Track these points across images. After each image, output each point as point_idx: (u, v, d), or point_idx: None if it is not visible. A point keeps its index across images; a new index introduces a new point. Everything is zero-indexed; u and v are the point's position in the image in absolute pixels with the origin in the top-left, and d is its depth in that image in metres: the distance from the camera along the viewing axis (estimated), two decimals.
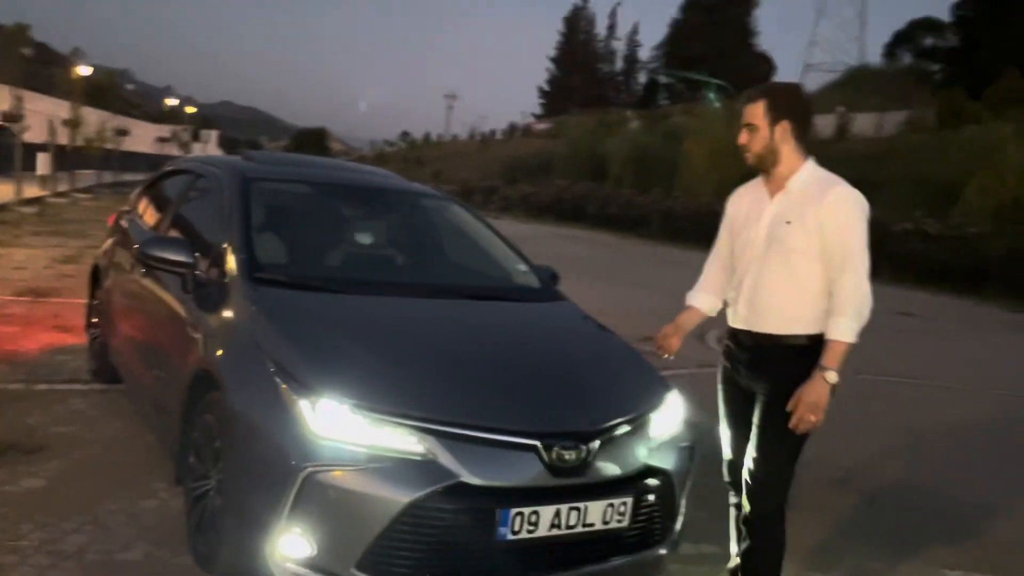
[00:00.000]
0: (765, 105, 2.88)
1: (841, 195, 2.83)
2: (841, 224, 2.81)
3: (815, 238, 2.82)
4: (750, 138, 2.91)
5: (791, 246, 2.86)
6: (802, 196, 2.87)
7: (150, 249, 3.58)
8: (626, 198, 34.13)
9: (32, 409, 4.66)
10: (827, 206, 2.81)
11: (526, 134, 55.67)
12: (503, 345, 3.42)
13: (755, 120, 2.89)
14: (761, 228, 2.95)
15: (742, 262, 3.03)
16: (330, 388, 2.72)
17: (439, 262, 4.34)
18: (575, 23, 70.29)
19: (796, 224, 2.84)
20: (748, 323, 2.97)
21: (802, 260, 2.85)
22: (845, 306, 2.78)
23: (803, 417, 2.76)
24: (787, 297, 2.88)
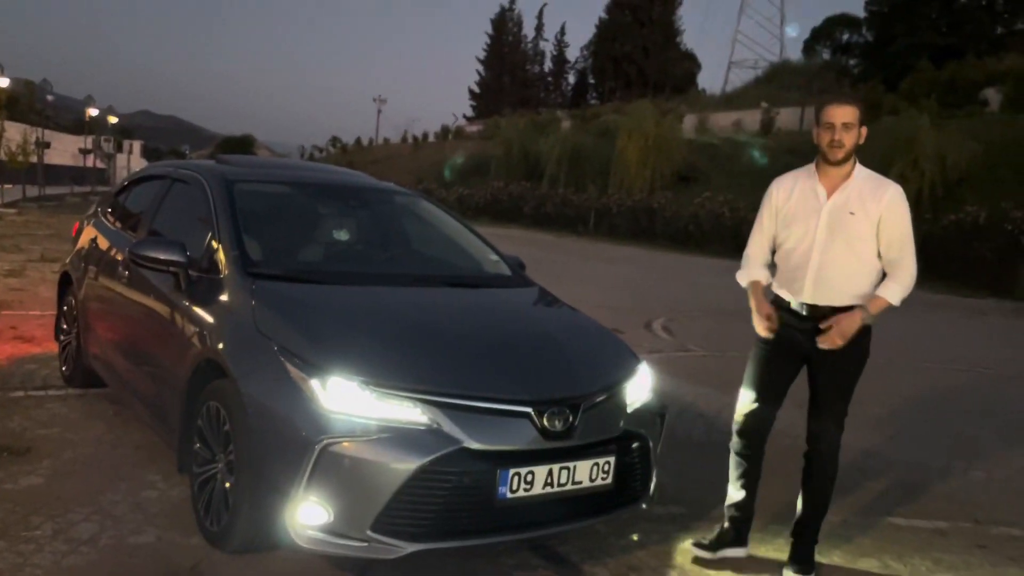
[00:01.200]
0: (858, 111, 3.39)
1: (898, 193, 3.40)
2: (899, 218, 3.36)
3: (874, 228, 3.34)
4: (845, 135, 3.36)
5: (855, 234, 3.36)
6: (861, 191, 3.38)
7: (142, 250, 3.73)
8: (562, 197, 34.66)
9: (12, 414, 4.73)
10: (887, 202, 3.35)
11: (458, 136, 55.82)
12: (488, 325, 3.69)
13: (852, 119, 3.36)
14: (821, 218, 3.40)
15: (797, 246, 3.46)
16: (339, 366, 2.95)
17: (416, 253, 4.58)
18: (502, 24, 70.73)
19: (859, 215, 3.34)
20: (815, 298, 3.41)
21: (864, 245, 3.36)
22: (900, 278, 3.34)
23: (831, 338, 3.32)
24: (850, 276, 3.38)
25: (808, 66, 50.15)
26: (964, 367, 9.17)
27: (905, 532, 4.15)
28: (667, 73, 59.10)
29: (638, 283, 15.92)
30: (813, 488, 3.63)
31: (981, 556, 3.93)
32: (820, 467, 3.60)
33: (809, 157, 3.70)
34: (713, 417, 6.00)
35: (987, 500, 4.75)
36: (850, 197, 3.40)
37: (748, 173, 31.92)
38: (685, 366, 7.96)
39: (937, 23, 42.42)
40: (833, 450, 3.60)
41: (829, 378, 3.47)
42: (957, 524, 4.31)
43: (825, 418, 3.54)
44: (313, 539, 2.88)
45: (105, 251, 4.86)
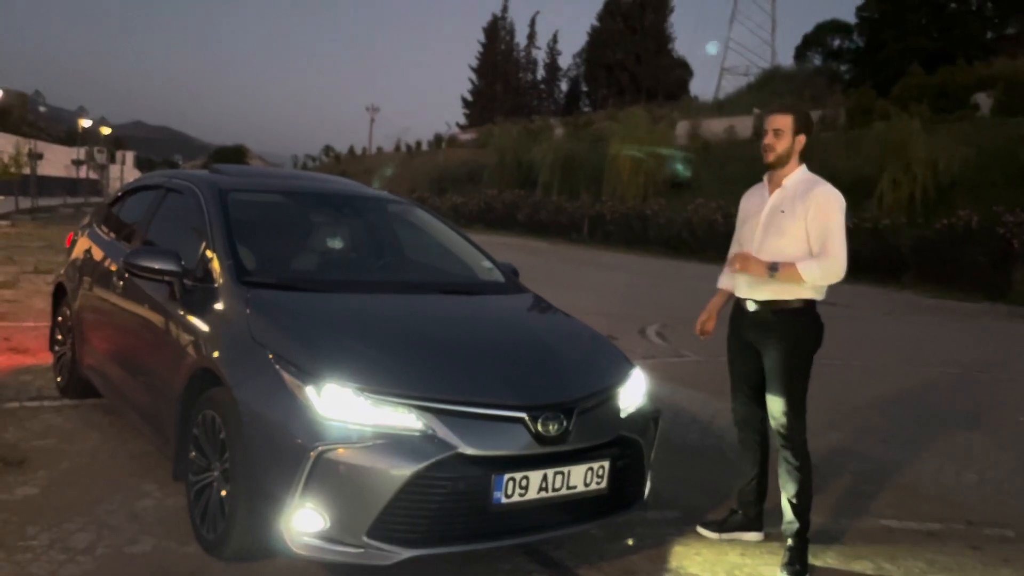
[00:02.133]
0: (793, 120, 3.64)
1: (825, 191, 3.58)
2: (824, 214, 3.53)
3: (802, 224, 3.54)
4: (776, 141, 3.64)
5: (783, 231, 3.59)
6: (793, 192, 3.62)
7: (137, 259, 3.75)
8: (555, 205, 34.73)
9: (7, 425, 4.73)
10: (813, 199, 3.54)
11: (452, 144, 55.90)
12: (482, 331, 3.71)
13: (784, 127, 3.63)
14: (762, 218, 3.68)
15: (744, 242, 3.78)
16: (334, 373, 2.97)
17: (410, 261, 4.61)
18: (494, 32, 70.91)
19: (788, 213, 3.58)
20: (751, 294, 3.68)
21: (791, 242, 3.57)
22: (821, 261, 3.50)
23: (735, 262, 3.65)
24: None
25: (800, 72, 50.42)
26: (957, 370, 9.21)
27: (898, 534, 4.18)
28: (659, 80, 59.31)
29: (632, 289, 15.96)
30: (783, 479, 3.71)
31: (974, 558, 3.95)
32: (783, 457, 3.69)
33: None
34: (707, 422, 6.03)
35: (980, 502, 4.77)
36: (784, 197, 3.64)
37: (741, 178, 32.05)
38: (679, 371, 7.98)
39: (928, 28, 42.67)
40: (792, 439, 3.65)
41: (771, 364, 3.64)
42: (950, 526, 4.34)
43: (773, 404, 3.66)
44: (309, 546, 2.89)
45: (99, 262, 4.88)
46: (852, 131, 30.27)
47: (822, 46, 51.86)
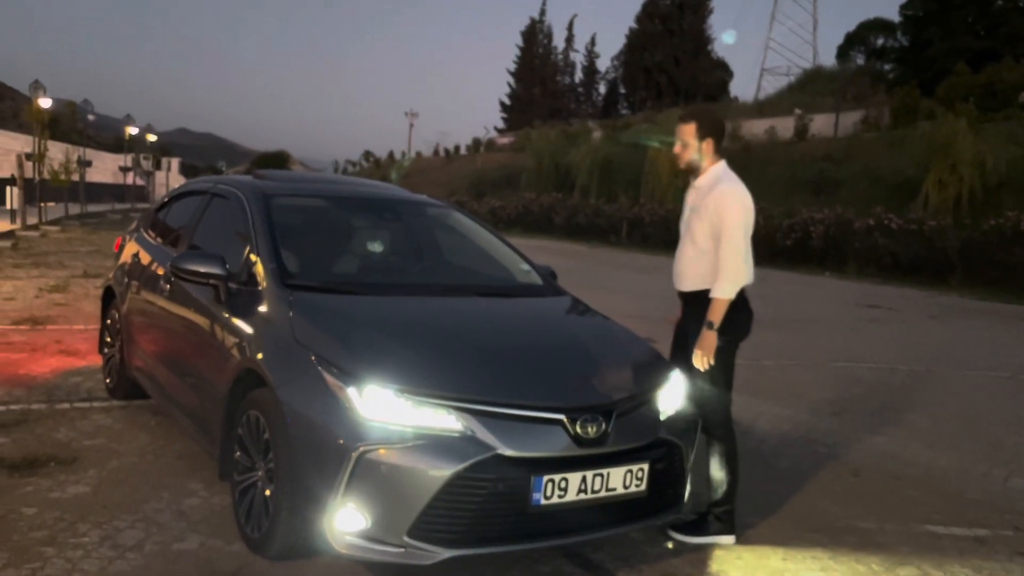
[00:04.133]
0: (696, 126, 3.77)
1: (723, 190, 3.71)
2: (720, 213, 3.67)
3: (706, 223, 3.72)
4: (683, 150, 3.83)
5: (693, 229, 3.81)
6: (702, 192, 3.80)
7: (184, 263, 3.83)
8: (594, 208, 34.66)
9: (58, 426, 4.86)
10: (713, 198, 3.71)
11: (490, 148, 56.06)
12: (521, 333, 3.73)
13: (687, 137, 3.80)
14: (684, 217, 3.92)
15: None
16: (375, 375, 3.01)
17: (449, 264, 4.65)
18: (532, 36, 70.93)
19: (695, 213, 3.79)
20: (676, 284, 3.98)
21: (700, 238, 3.77)
22: (722, 271, 3.66)
23: (701, 362, 3.70)
24: (691, 267, 3.83)
25: (842, 71, 49.70)
26: (1006, 374, 9.02)
27: (944, 540, 4.11)
28: (698, 82, 58.87)
29: (671, 292, 15.81)
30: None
31: (1022, 564, 3.87)
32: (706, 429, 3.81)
33: (843, 161, 3.82)
34: (747, 425, 5.98)
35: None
36: (696, 197, 3.85)
37: (782, 180, 31.73)
38: None
39: (973, 26, 41.81)
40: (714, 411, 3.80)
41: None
42: (997, 532, 4.26)
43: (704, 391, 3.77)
44: (351, 545, 2.93)
45: (147, 266, 4.99)
46: (896, 131, 29.80)
47: (865, 45, 51.11)
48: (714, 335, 3.67)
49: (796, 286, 18.87)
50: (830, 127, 35.53)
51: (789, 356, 9.14)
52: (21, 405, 5.23)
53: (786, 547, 3.86)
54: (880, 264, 22.44)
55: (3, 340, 7.25)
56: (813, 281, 20.70)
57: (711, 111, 4.02)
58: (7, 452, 4.34)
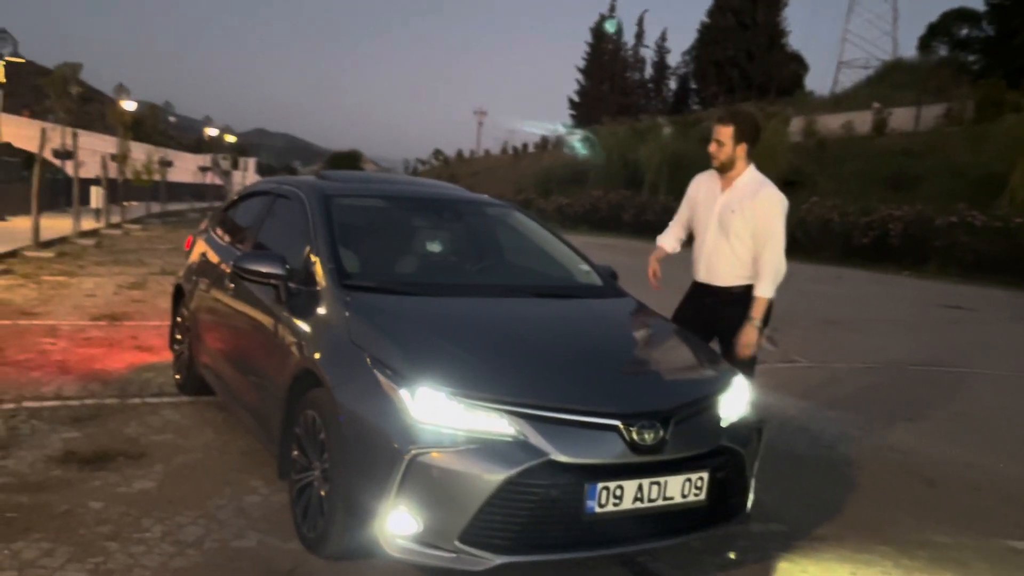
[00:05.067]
0: (733, 130, 4.01)
1: (770, 194, 4.01)
2: (767, 215, 3.97)
3: (749, 224, 3.99)
4: (718, 150, 4.05)
5: (735, 231, 4.04)
6: (743, 193, 4.02)
7: (245, 263, 3.88)
8: (662, 205, 34.21)
9: (129, 421, 4.99)
10: (760, 201, 3.98)
11: (558, 146, 55.94)
12: (578, 335, 3.67)
13: (724, 139, 4.03)
14: (714, 213, 4.11)
15: (699, 235, 4.23)
16: (428, 377, 2.98)
17: (507, 264, 4.61)
18: (602, 33, 70.52)
19: (738, 213, 4.00)
20: (707, 279, 4.20)
21: (741, 242, 4.04)
22: (765, 272, 3.99)
23: (742, 352, 4.03)
24: (731, 266, 4.10)
25: (923, 63, 48.04)
26: None
27: None
28: (772, 76, 57.63)
29: None
30: None
31: None
32: None
33: (924, 156, 3.70)
34: (817, 431, 5.79)
35: None
36: (734, 197, 4.04)
37: (859, 176, 30.82)
38: (788, 378, 7.71)
39: None
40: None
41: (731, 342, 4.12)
42: None
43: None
44: (403, 548, 2.92)
45: (214, 265, 5.08)
46: (980, 125, 28.65)
47: (949, 35, 49.28)
48: (757, 331, 4.01)
49: (874, 286, 18.31)
50: (910, 121, 34.40)
51: (863, 359, 8.85)
52: (95, 400, 5.39)
53: (855, 561, 3.71)
54: (962, 263, 21.61)
55: (83, 335, 7.51)
56: (891, 280, 20.05)
57: (751, 116, 4.19)
58: (79, 446, 4.47)
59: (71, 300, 9.45)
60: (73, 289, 10.40)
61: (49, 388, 5.60)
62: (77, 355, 6.68)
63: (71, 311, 8.74)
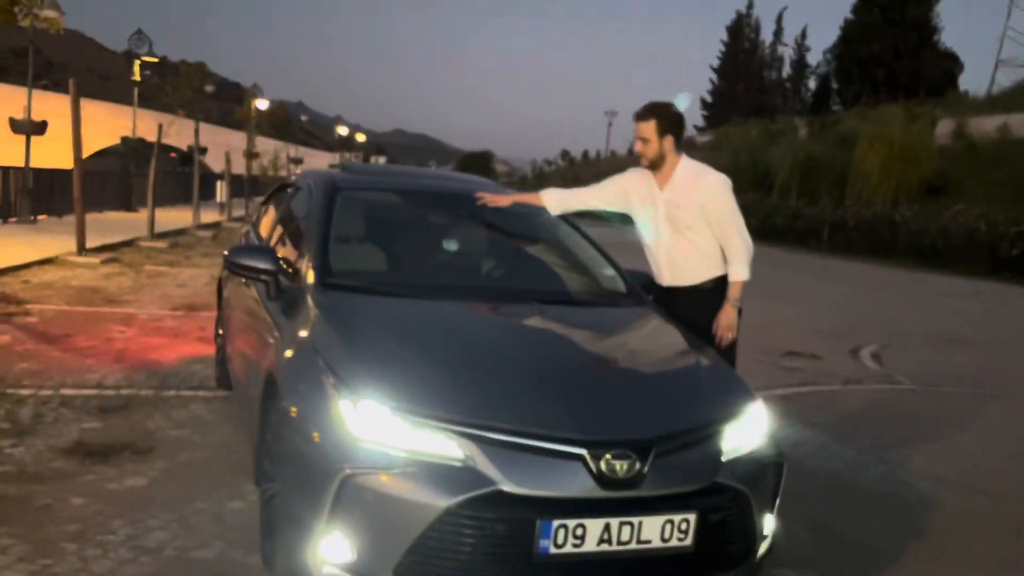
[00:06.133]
0: (656, 124, 3.79)
1: (715, 180, 3.86)
2: (718, 202, 3.82)
3: (700, 214, 3.80)
4: (645, 147, 3.83)
5: (685, 224, 3.83)
6: (684, 185, 3.83)
7: (236, 257, 3.70)
8: (793, 209, 32.68)
9: (155, 413, 4.93)
10: (705, 190, 3.80)
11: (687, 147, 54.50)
12: (565, 348, 3.26)
13: (648, 135, 3.81)
14: (660, 214, 3.88)
15: (650, 239, 3.98)
16: (373, 389, 2.67)
17: (517, 266, 4.22)
18: (738, 30, 68.16)
19: (684, 207, 3.81)
20: (675, 281, 3.94)
21: (698, 235, 3.84)
22: (736, 256, 3.83)
23: (723, 336, 3.82)
24: (696, 261, 3.88)
25: None
26: None
27: None
28: (921, 75, 54.09)
29: (861, 303, 14.46)
30: None
31: None
32: None
33: None
34: (895, 463, 5.11)
35: None
36: (676, 192, 3.84)
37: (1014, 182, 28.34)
38: (882, 400, 6.95)
39: None
40: None
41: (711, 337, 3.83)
42: None
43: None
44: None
45: None
46: None
47: None
48: (736, 311, 3.83)
49: (1020, 302, 16.66)
50: None
51: (979, 383, 7.91)
52: (132, 390, 5.38)
53: None
54: None
55: (155, 325, 7.65)
56: None
57: (670, 106, 3.95)
58: (92, 438, 4.43)
59: (161, 290, 9.71)
60: (168, 279, 10.72)
61: (94, 376, 5.65)
62: (139, 344, 6.77)
63: (156, 300, 8.96)
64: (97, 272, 10.67)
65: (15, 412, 4.74)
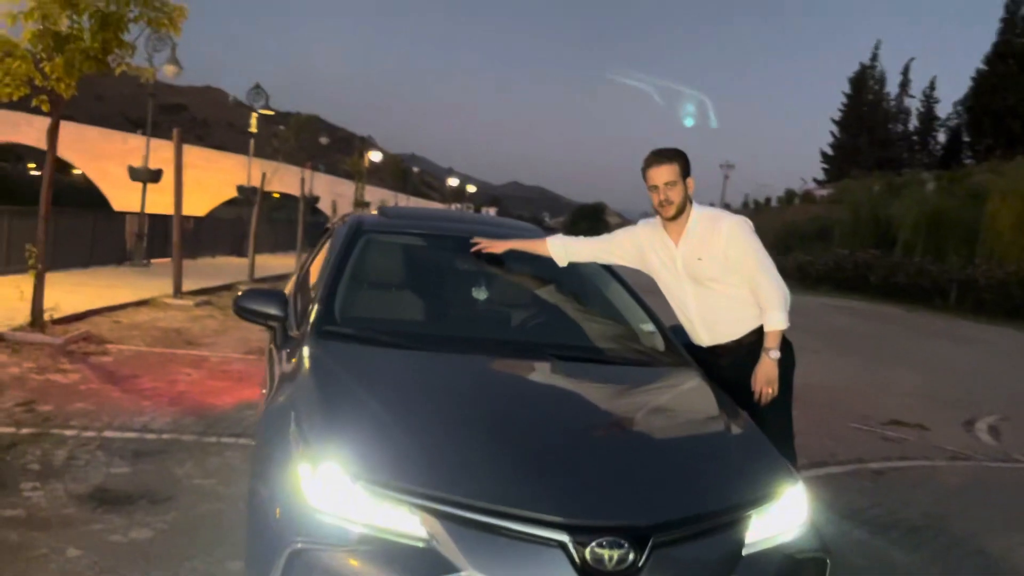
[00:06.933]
0: (679, 166, 3.42)
1: (733, 224, 3.43)
2: (742, 248, 3.40)
3: (724, 263, 3.41)
4: (671, 193, 3.40)
5: (710, 276, 3.45)
6: (700, 235, 3.44)
7: (244, 301, 3.50)
8: (917, 266, 30.84)
9: (188, 460, 4.79)
10: (725, 237, 3.39)
11: (805, 200, 52.75)
12: (570, 412, 2.87)
13: (674, 177, 3.41)
14: (680, 270, 3.50)
15: (676, 300, 3.60)
16: (336, 453, 2.36)
17: (539, 317, 3.84)
18: (862, 82, 65.80)
19: (706, 259, 3.43)
20: (714, 340, 3.53)
21: (726, 286, 3.43)
22: (771, 301, 3.39)
23: (762, 391, 3.36)
24: (733, 313, 3.47)
25: None
26: None
27: None
28: None
29: (985, 369, 13.27)
30: None
31: None
32: None
33: None
34: (996, 556, 4.40)
35: None
36: (693, 244, 3.46)
37: None
38: (992, 480, 6.16)
39: None
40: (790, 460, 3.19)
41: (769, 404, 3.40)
42: None
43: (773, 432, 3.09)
44: None
45: None
46: None
47: None
48: (774, 363, 3.37)
49: None
50: None
51: None
52: (173, 435, 5.28)
53: None
54: None
55: (224, 368, 7.64)
56: None
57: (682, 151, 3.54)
58: (115, 483, 4.30)
59: (242, 333, 9.78)
60: None
61: (142, 419, 5.59)
62: (201, 387, 6.73)
63: (233, 344, 9.01)
64: (188, 314, 10.90)
65: (51, 453, 4.69)
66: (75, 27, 7.69)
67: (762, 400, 3.35)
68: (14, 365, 6.85)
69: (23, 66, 7.24)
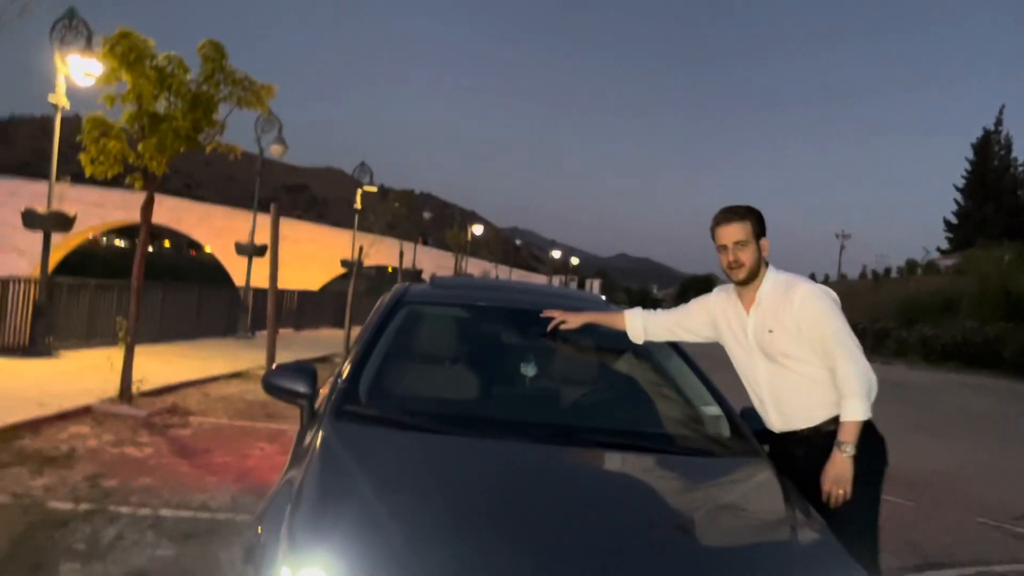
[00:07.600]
0: (752, 224, 3.08)
1: (807, 293, 3.00)
2: (815, 319, 2.96)
3: (798, 337, 2.98)
4: (742, 254, 3.06)
5: (782, 351, 3.02)
6: (773, 303, 3.05)
7: (272, 378, 3.28)
8: None
9: (235, 543, 4.55)
10: (797, 306, 2.98)
11: (928, 271, 50.22)
12: (604, 512, 2.45)
13: (745, 236, 3.06)
14: (751, 343, 3.12)
15: (747, 379, 3.19)
16: (320, 557, 2.06)
17: (586, 399, 3.45)
18: (986, 148, 62.89)
19: (778, 331, 3.02)
20: (787, 426, 3.08)
21: (796, 361, 3.01)
22: (851, 388, 2.91)
23: (833, 492, 2.86)
24: (800, 397, 3.03)
25: None
26: None
27: None
28: None
29: None
30: None
31: None
32: None
33: None
34: None
35: None
36: (765, 314, 3.08)
37: None
38: None
39: None
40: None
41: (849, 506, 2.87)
42: None
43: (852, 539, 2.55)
44: None
45: None
46: None
47: None
48: (849, 462, 2.85)
49: None
50: None
51: None
52: (229, 515, 5.10)
53: None
54: None
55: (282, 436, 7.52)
56: None
57: (757, 209, 3.16)
58: (156, 566, 4.14)
59: None
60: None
61: (202, 497, 5.44)
62: (271, 463, 6.59)
63: None
64: None
65: (100, 531, 4.57)
66: (172, 108, 7.98)
67: (831, 502, 2.85)
68: (94, 437, 6.90)
69: (117, 145, 7.51)
